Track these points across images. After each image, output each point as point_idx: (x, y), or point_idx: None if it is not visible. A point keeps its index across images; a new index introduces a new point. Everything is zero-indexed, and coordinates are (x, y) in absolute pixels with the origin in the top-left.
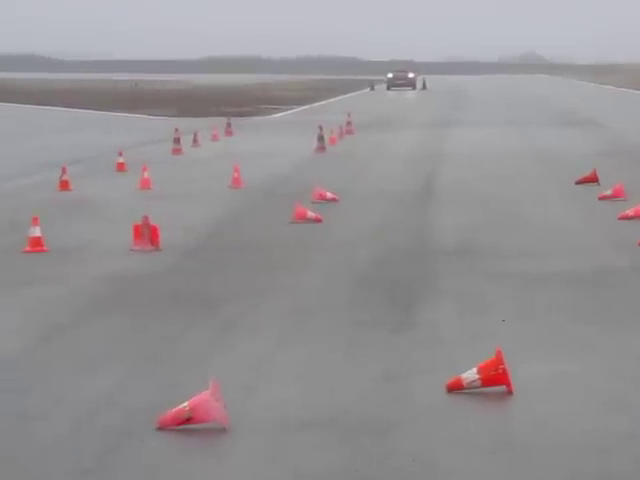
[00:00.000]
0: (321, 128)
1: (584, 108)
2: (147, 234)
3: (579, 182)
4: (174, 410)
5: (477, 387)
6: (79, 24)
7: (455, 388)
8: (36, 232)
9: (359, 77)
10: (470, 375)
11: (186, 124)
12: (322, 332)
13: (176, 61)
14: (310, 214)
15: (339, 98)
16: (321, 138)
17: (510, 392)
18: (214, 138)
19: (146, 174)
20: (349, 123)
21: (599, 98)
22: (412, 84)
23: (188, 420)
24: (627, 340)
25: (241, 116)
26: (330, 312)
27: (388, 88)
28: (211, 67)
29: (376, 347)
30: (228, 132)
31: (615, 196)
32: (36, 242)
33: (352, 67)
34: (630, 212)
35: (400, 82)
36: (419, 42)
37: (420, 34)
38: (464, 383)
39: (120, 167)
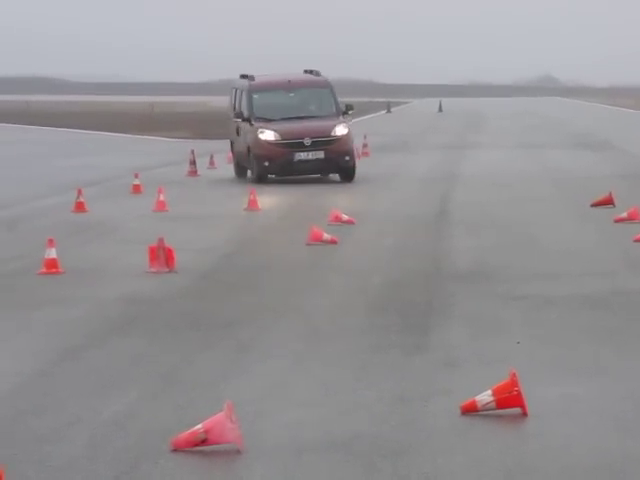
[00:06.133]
0: None
1: (600, 130)
2: (162, 256)
3: (595, 204)
4: (188, 432)
5: (491, 409)
6: (87, 46)
7: (469, 410)
8: (51, 254)
9: (375, 99)
10: (485, 397)
11: (202, 146)
12: (336, 354)
13: (191, 83)
14: (326, 236)
15: (355, 120)
16: None
17: (525, 414)
18: (230, 160)
19: (162, 196)
20: (365, 145)
21: (615, 121)
22: (341, 164)
23: (203, 442)
24: None
25: None
26: (344, 334)
27: (259, 178)
28: (225, 89)
29: (390, 369)
30: None
31: (631, 218)
32: (51, 264)
33: (368, 89)
34: None
35: (306, 159)
36: (433, 64)
37: (434, 56)
38: (479, 405)
39: (136, 189)
